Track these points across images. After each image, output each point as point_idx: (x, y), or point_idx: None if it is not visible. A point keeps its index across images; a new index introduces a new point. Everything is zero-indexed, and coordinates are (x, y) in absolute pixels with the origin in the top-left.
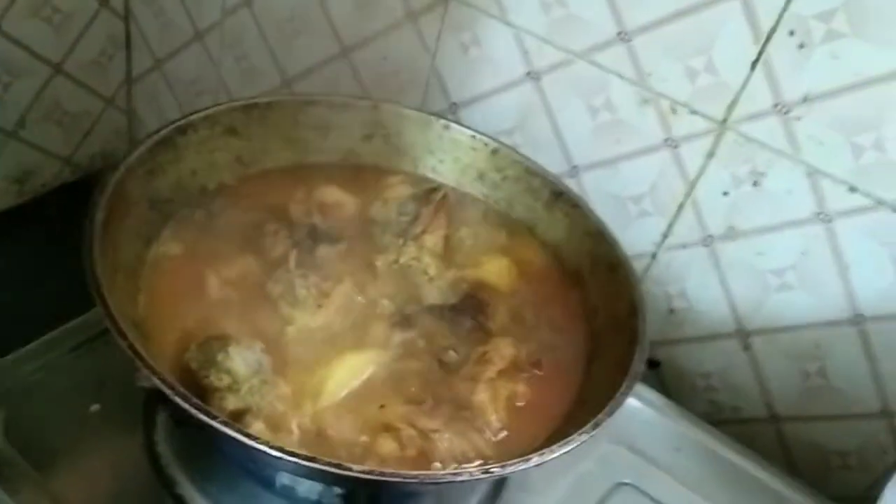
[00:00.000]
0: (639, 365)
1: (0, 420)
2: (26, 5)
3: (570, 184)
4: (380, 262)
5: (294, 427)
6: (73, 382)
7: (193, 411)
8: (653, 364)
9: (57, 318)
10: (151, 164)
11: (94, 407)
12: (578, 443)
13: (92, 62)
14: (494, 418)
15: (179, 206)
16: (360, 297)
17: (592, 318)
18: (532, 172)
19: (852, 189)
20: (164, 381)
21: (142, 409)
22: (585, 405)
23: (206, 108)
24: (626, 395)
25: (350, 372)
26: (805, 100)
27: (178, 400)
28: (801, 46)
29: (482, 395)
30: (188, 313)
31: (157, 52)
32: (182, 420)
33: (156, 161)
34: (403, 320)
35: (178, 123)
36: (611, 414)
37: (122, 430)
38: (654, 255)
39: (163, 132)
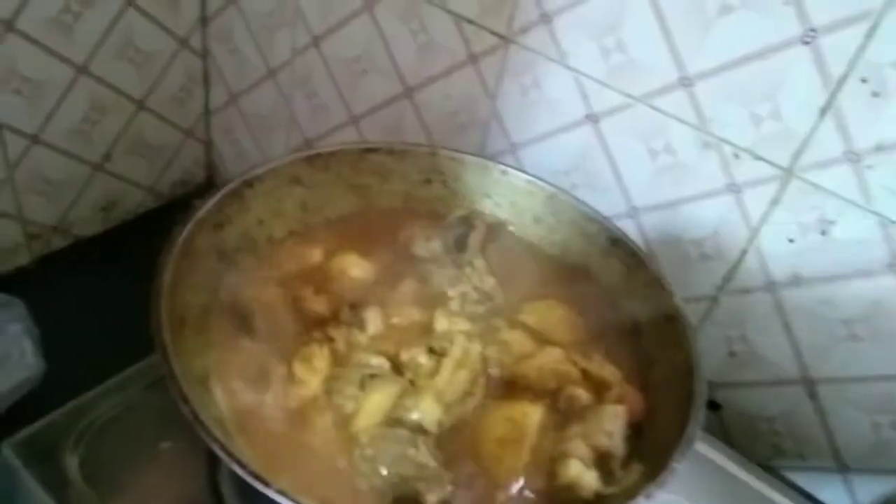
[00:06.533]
0: (693, 431)
1: (76, 458)
2: (112, 48)
3: (629, 224)
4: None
5: None
6: (147, 420)
7: (249, 479)
8: (714, 406)
9: (136, 347)
10: (220, 216)
11: (165, 444)
12: None
13: (172, 98)
14: None
15: (245, 255)
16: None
17: (647, 371)
18: (589, 218)
19: None
20: (224, 450)
21: (207, 449)
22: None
23: (272, 161)
24: (678, 463)
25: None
26: (878, 149)
27: (235, 468)
28: (875, 94)
29: None
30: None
31: (233, 87)
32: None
33: (224, 214)
34: None
35: (245, 177)
36: (662, 485)
37: (189, 469)
38: (714, 299)
39: (230, 186)
